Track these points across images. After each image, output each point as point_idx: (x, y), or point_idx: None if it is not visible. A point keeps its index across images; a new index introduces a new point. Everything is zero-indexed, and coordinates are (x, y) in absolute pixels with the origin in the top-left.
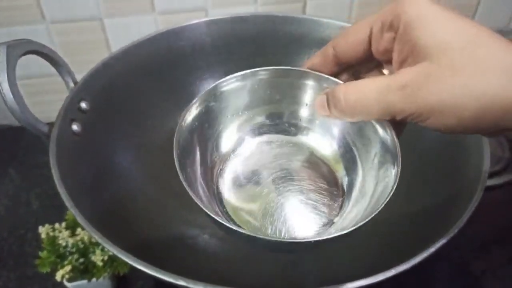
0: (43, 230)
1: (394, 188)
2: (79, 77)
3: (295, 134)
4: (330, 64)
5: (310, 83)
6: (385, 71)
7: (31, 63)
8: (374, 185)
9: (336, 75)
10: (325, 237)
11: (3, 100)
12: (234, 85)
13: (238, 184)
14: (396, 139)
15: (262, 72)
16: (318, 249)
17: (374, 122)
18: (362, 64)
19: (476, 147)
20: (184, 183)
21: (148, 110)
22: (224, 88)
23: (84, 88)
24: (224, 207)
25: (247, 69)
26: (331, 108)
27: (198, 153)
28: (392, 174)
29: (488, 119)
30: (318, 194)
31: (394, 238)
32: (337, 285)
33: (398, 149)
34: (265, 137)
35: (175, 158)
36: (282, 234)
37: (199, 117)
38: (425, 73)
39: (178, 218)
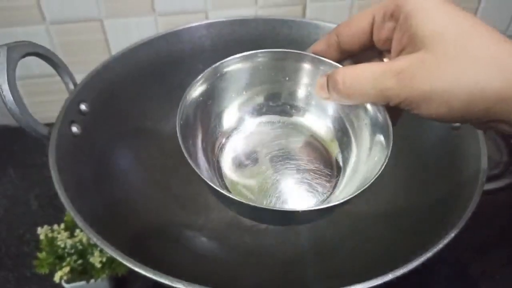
0: (42, 232)
1: (383, 166)
2: (78, 78)
3: (293, 115)
4: (333, 52)
5: (309, 66)
6: (385, 60)
7: (31, 64)
8: (366, 165)
9: (338, 62)
10: (313, 208)
11: (3, 102)
12: (237, 66)
13: (237, 161)
14: (389, 120)
15: (264, 54)
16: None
17: (369, 106)
18: (364, 52)
19: (473, 151)
20: (185, 153)
21: (148, 112)
22: (227, 68)
23: (84, 90)
24: (223, 181)
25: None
26: (330, 90)
27: (200, 128)
28: (383, 154)
29: (478, 109)
30: (313, 173)
31: (391, 241)
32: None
33: (391, 129)
34: (264, 117)
35: (177, 129)
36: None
37: (204, 93)
38: (420, 61)
39: (177, 220)
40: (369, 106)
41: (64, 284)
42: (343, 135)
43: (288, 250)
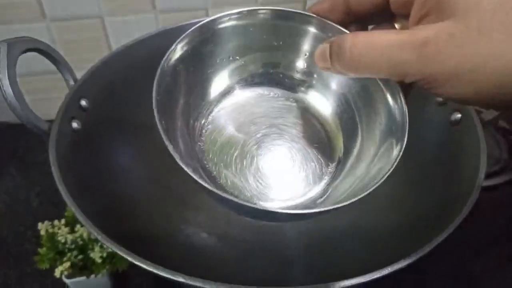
0: (43, 227)
1: (394, 166)
2: (78, 75)
3: (290, 88)
4: (339, 12)
5: (313, 30)
6: (397, 26)
7: (31, 61)
8: (373, 155)
9: (343, 25)
10: (311, 211)
11: (3, 97)
12: (227, 25)
13: (222, 139)
14: (406, 110)
15: (261, 11)
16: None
17: (382, 85)
18: (375, 15)
19: (473, 148)
20: (163, 135)
21: (148, 108)
22: (216, 27)
23: (84, 86)
24: (206, 163)
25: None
26: (334, 60)
27: (181, 101)
28: (394, 150)
29: (508, 92)
30: (308, 158)
31: (390, 237)
32: (333, 282)
33: (406, 120)
34: (257, 89)
35: (154, 106)
36: (265, 199)
37: (185, 59)
38: (449, 32)
39: (177, 216)
40: (383, 86)
41: (64, 279)
42: (347, 115)
43: (288, 246)
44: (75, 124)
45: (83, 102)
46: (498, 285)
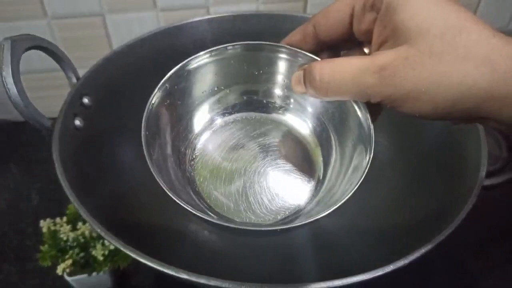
0: (44, 224)
1: (363, 177)
2: (79, 73)
3: (271, 112)
4: (310, 43)
5: (286, 58)
6: (366, 50)
7: (33, 58)
8: (347, 166)
9: (315, 53)
10: (293, 225)
11: (7, 94)
12: (210, 60)
13: (211, 163)
14: (370, 122)
15: (230, 48)
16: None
17: (351, 103)
18: (343, 43)
19: (473, 147)
20: (151, 167)
21: None
22: (191, 67)
23: (87, 84)
24: (197, 188)
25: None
26: (307, 85)
27: (169, 134)
28: (364, 160)
29: (464, 108)
30: (292, 176)
31: (392, 235)
32: (336, 279)
33: (372, 133)
34: (240, 114)
35: (143, 142)
36: (256, 215)
37: (171, 95)
38: (404, 56)
39: (179, 214)
40: (351, 104)
41: (66, 277)
42: (323, 133)
43: (290, 244)
44: (77, 122)
45: (86, 100)
46: (499, 284)
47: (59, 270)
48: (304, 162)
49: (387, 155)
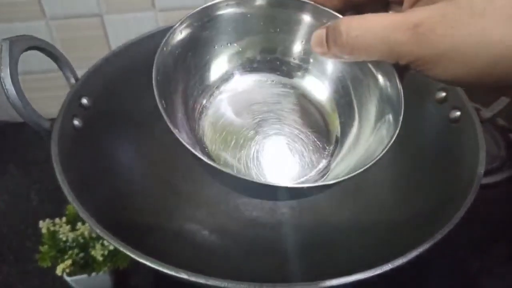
0: (44, 225)
1: (391, 143)
2: (77, 73)
3: (287, 74)
4: (334, 0)
5: (309, 17)
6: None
7: (32, 59)
8: (369, 134)
9: (340, 12)
10: (307, 185)
11: (5, 95)
12: (225, 12)
13: (221, 123)
14: (400, 88)
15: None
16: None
17: (373, 68)
18: (370, 3)
19: (472, 145)
20: (163, 114)
21: (148, 106)
22: (215, 13)
23: (86, 84)
24: (206, 149)
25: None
26: (330, 44)
27: (180, 84)
28: (390, 126)
29: (500, 71)
30: (306, 141)
31: (390, 234)
32: (335, 278)
33: (402, 100)
34: (255, 75)
35: (154, 86)
36: (264, 179)
37: (183, 44)
38: (441, 13)
39: (178, 213)
40: (377, 69)
41: (66, 277)
42: (345, 103)
43: (288, 243)
44: (76, 122)
45: (84, 100)
46: (497, 283)
47: (58, 271)
48: (320, 127)
49: (385, 154)
